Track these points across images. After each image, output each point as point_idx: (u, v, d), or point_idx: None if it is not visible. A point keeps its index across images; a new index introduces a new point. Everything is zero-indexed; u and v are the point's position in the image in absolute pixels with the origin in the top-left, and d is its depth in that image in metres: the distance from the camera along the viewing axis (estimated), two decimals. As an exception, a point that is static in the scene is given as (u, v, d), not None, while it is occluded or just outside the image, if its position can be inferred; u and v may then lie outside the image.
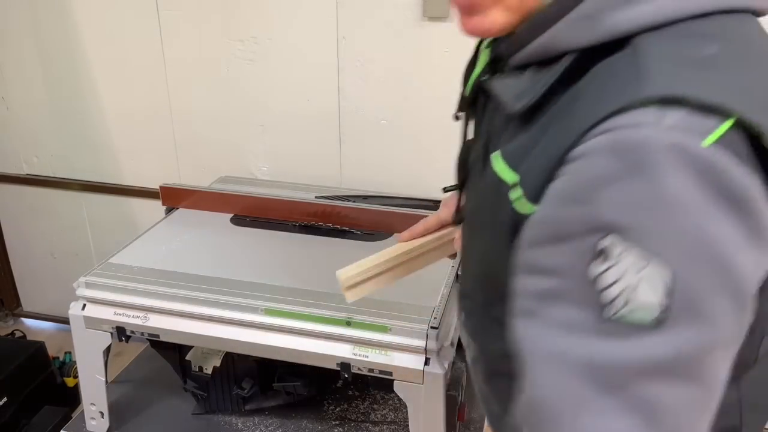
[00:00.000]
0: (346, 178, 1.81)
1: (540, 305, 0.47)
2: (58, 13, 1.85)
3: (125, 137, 1.97)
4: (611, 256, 0.43)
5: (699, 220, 0.41)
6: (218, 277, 1.14)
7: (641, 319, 0.42)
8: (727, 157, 0.41)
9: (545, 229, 0.47)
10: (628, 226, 0.42)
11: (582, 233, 0.44)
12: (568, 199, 0.45)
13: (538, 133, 0.51)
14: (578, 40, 0.49)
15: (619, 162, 0.42)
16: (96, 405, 1.19)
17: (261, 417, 1.24)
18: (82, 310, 1.13)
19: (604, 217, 0.43)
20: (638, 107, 0.42)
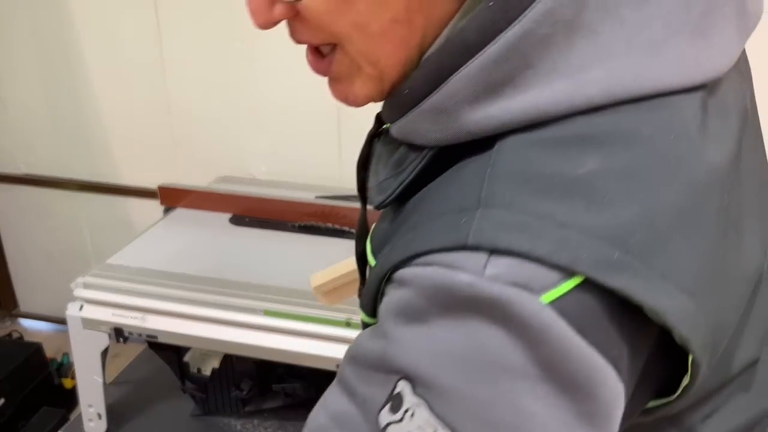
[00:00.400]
0: (346, 178, 1.81)
1: (332, 426, 0.39)
2: (56, 12, 1.84)
3: (123, 137, 1.96)
4: (401, 407, 0.35)
5: (515, 393, 0.33)
6: (217, 277, 1.13)
7: None
8: (568, 325, 0.32)
9: (355, 350, 0.40)
10: (424, 379, 0.34)
11: (380, 369, 0.36)
12: (374, 327, 0.38)
13: (395, 226, 0.43)
14: (431, 136, 0.39)
15: (429, 304, 0.34)
16: (94, 406, 1.18)
17: (260, 419, 1.23)
18: (80, 311, 1.12)
19: (403, 360, 0.35)
20: (466, 250, 0.33)
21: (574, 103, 0.35)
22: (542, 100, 0.35)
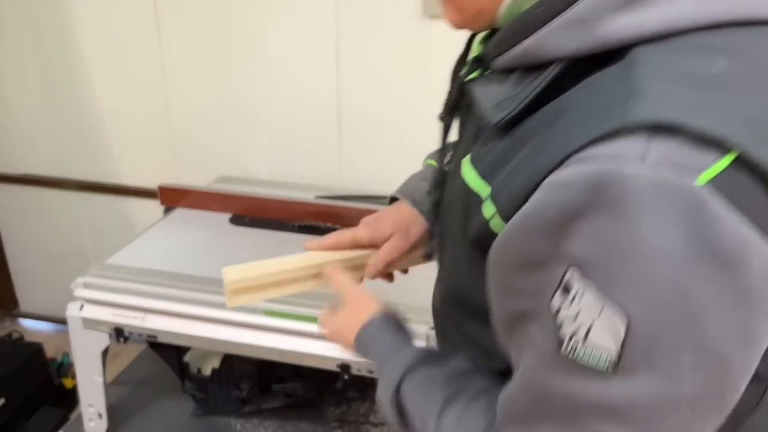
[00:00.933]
0: (346, 178, 1.81)
1: (512, 320, 0.47)
2: (56, 12, 1.84)
3: (123, 137, 1.96)
4: (571, 291, 0.40)
5: (673, 273, 0.37)
6: (217, 277, 1.13)
7: (593, 363, 0.41)
8: (722, 201, 0.36)
9: (516, 254, 0.44)
10: (592, 264, 0.39)
11: (549, 263, 0.41)
12: (538, 228, 0.42)
13: (515, 144, 0.47)
14: (566, 48, 0.44)
15: (594, 197, 0.38)
16: (94, 406, 1.18)
17: (260, 418, 1.23)
18: (80, 310, 1.12)
19: (572, 251, 0.40)
20: (623, 136, 0.37)
21: (703, 18, 0.41)
22: (673, 13, 0.41)
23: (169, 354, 1.19)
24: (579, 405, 0.43)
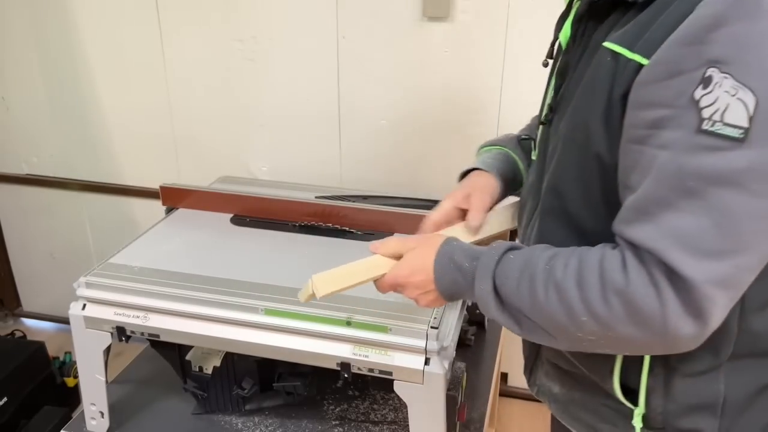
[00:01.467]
0: (346, 178, 1.81)
1: (649, 132, 0.61)
2: (58, 13, 1.85)
3: (125, 137, 1.97)
4: (711, 84, 0.56)
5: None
6: (218, 277, 1.14)
7: (729, 133, 0.56)
8: None
9: (662, 68, 0.60)
10: (731, 60, 0.55)
11: (693, 67, 0.57)
12: (685, 41, 0.58)
13: (653, 15, 0.63)
14: None
15: (735, 5, 0.55)
16: (96, 405, 1.19)
17: (261, 417, 1.24)
18: (82, 310, 1.12)
19: (713, 53, 0.56)
20: None
21: None
22: None
23: (170, 353, 1.20)
24: (707, 176, 0.57)
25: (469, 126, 1.68)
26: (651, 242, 0.60)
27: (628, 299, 0.62)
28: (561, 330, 0.68)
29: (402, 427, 1.20)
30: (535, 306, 0.68)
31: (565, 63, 0.77)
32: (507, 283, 0.70)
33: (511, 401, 2.00)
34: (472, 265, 0.74)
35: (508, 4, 1.53)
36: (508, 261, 0.72)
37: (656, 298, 0.60)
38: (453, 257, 0.77)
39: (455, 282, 0.76)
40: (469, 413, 1.24)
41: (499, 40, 1.57)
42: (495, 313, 0.72)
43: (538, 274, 0.68)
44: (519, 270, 0.70)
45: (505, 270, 0.71)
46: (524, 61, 1.59)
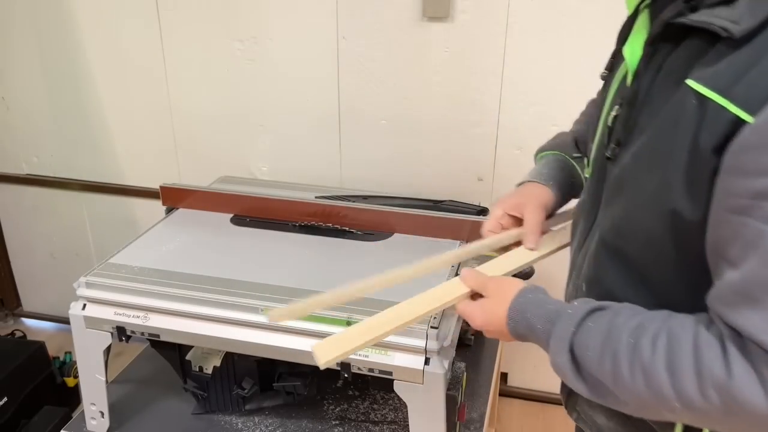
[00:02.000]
0: (346, 178, 1.81)
1: (753, 202, 0.54)
2: (58, 13, 1.85)
3: (125, 137, 1.97)
4: None
5: None
6: (218, 277, 1.14)
7: None
8: None
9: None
10: None
11: None
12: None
13: (754, 56, 0.55)
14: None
15: None
16: (96, 405, 1.19)
17: (261, 417, 1.24)
18: (83, 310, 1.13)
19: None
20: None
21: None
22: None
23: (170, 353, 1.20)
24: None
25: (469, 126, 1.68)
26: (759, 334, 0.54)
27: (731, 395, 0.56)
28: (648, 408, 0.64)
29: (402, 427, 1.20)
30: (619, 385, 0.63)
31: (635, 91, 0.68)
32: (588, 356, 0.65)
33: (511, 401, 2.00)
34: (546, 329, 0.70)
35: (508, 4, 1.53)
36: (587, 331, 0.66)
37: (764, 397, 0.54)
38: (526, 315, 0.73)
39: (529, 336, 0.74)
40: (469, 413, 1.24)
41: (499, 40, 1.57)
42: (573, 383, 0.68)
43: (621, 350, 0.62)
44: (600, 343, 0.64)
45: (585, 341, 0.66)
46: (524, 61, 1.59)
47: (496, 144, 1.68)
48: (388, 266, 1.17)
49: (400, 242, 1.29)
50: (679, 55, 0.63)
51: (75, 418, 1.25)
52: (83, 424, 1.21)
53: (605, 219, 0.74)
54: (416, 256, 1.21)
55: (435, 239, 1.29)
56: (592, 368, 0.65)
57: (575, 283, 0.81)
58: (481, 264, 0.90)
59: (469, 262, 0.96)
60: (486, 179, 1.72)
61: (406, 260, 1.19)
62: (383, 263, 1.19)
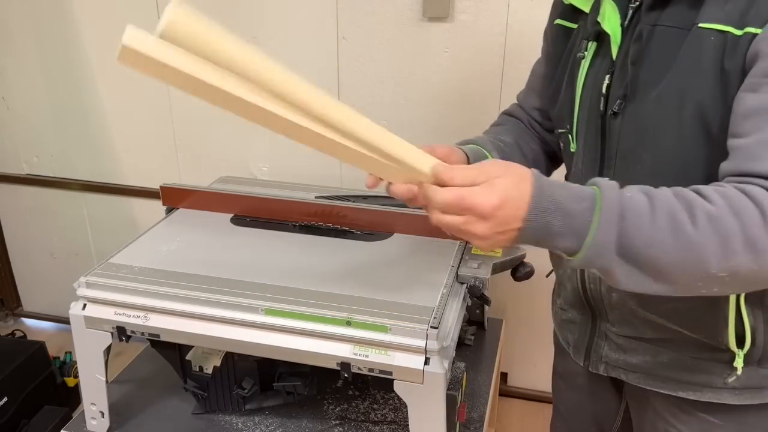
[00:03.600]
0: (346, 178, 1.82)
1: (763, 80, 0.67)
2: (58, 13, 1.85)
3: (125, 137, 1.97)
4: None
5: None
6: (218, 277, 1.14)
7: None
8: None
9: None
10: None
11: None
12: None
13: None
14: None
15: None
16: (96, 405, 1.19)
17: (261, 416, 1.24)
18: (83, 309, 1.13)
19: None
20: None
21: None
22: None
23: (170, 352, 1.20)
24: None
25: (469, 126, 1.68)
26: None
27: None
28: (696, 268, 0.64)
29: (402, 427, 1.20)
30: (679, 242, 0.63)
31: (638, 51, 0.79)
32: (639, 224, 0.64)
33: (511, 401, 2.00)
34: (582, 208, 0.66)
35: (508, 4, 1.54)
36: (627, 199, 0.66)
37: None
38: (554, 197, 0.66)
39: (547, 226, 0.66)
40: (469, 413, 1.24)
41: (499, 40, 1.57)
42: (607, 260, 0.66)
43: (676, 207, 0.64)
44: (648, 207, 0.65)
45: (633, 207, 0.65)
46: (524, 61, 1.59)
47: (496, 144, 1.68)
48: (388, 266, 1.18)
49: (400, 242, 1.29)
50: (673, 12, 0.76)
51: (75, 418, 1.25)
52: (83, 424, 1.21)
53: (625, 165, 0.81)
54: (416, 256, 1.21)
55: (435, 239, 1.29)
56: (642, 236, 0.64)
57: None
58: None
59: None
60: (486, 179, 1.72)
61: (406, 260, 1.20)
62: (383, 263, 1.19)
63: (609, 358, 0.96)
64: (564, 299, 1.04)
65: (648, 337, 0.90)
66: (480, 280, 1.12)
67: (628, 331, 0.92)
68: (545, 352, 1.93)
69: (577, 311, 1.01)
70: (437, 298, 1.06)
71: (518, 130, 1.09)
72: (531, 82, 1.13)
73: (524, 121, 1.11)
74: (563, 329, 1.06)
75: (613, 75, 0.83)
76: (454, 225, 0.67)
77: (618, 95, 0.81)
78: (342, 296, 1.07)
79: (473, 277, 1.13)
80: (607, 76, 0.83)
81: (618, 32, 0.81)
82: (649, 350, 0.91)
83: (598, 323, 0.97)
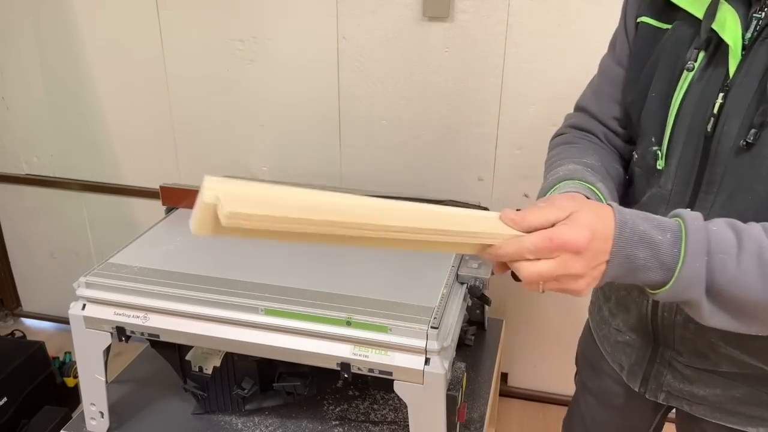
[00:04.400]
0: (346, 178, 1.81)
1: None
2: (58, 13, 1.85)
3: (125, 137, 1.97)
4: None
5: None
6: (218, 277, 1.14)
7: None
8: None
9: None
10: None
11: None
12: None
13: None
14: None
15: None
16: (96, 405, 1.19)
17: (261, 417, 1.24)
18: (82, 310, 1.13)
19: None
20: None
21: None
22: None
23: (170, 353, 1.20)
24: None
25: (469, 126, 1.68)
26: None
27: None
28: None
29: (402, 427, 1.20)
30: (767, 285, 0.61)
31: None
32: (724, 261, 0.61)
33: (511, 401, 2.00)
34: (667, 239, 0.63)
35: (508, 4, 1.53)
36: (714, 234, 0.63)
37: None
38: (637, 228, 0.63)
39: (633, 259, 0.63)
40: (469, 413, 1.24)
41: (499, 40, 1.57)
42: (698, 296, 0.63)
43: (766, 247, 0.61)
44: (736, 244, 0.62)
45: (717, 244, 0.62)
46: (524, 61, 1.59)
47: (496, 144, 1.68)
48: (388, 266, 1.17)
49: (400, 242, 1.29)
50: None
51: (75, 418, 1.25)
52: (83, 424, 1.21)
53: (731, 194, 0.73)
54: (416, 256, 1.21)
55: (435, 239, 1.29)
56: (730, 273, 0.61)
57: None
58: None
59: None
60: (486, 179, 1.72)
61: (406, 260, 1.20)
62: (383, 263, 1.19)
63: (672, 387, 0.90)
64: (624, 322, 0.95)
65: (723, 370, 0.84)
66: (480, 280, 1.12)
67: (700, 363, 0.85)
68: (545, 352, 1.93)
69: (638, 335, 0.93)
70: (437, 298, 1.06)
71: (597, 149, 0.91)
72: (604, 87, 0.92)
73: (600, 135, 0.93)
74: (617, 351, 0.97)
75: (728, 94, 0.72)
76: (550, 270, 0.61)
77: (750, 122, 0.70)
78: (342, 296, 1.07)
79: (473, 277, 1.13)
80: (721, 95, 0.72)
81: (739, 44, 0.71)
82: (721, 384, 0.85)
83: (661, 350, 0.89)
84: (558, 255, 0.60)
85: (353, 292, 1.08)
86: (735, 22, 0.71)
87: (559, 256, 0.60)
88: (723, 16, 0.72)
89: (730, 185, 0.73)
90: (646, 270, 0.63)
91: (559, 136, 0.95)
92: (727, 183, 0.73)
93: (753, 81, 0.70)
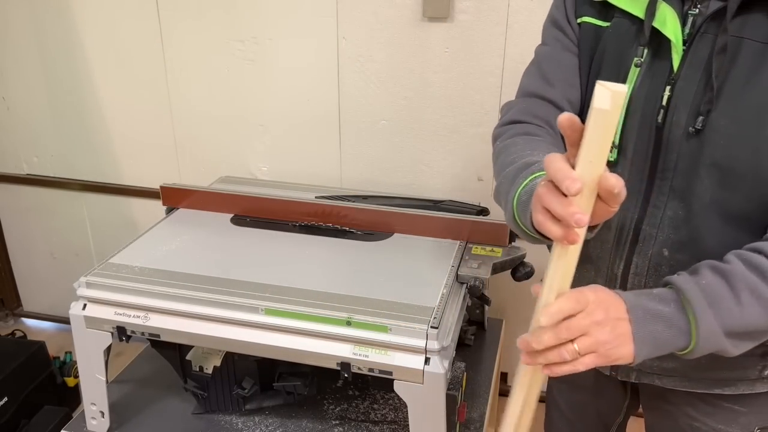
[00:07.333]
0: (346, 178, 1.82)
1: None
2: (58, 13, 1.85)
3: (125, 137, 1.97)
4: None
5: None
6: (218, 277, 1.14)
7: None
8: None
9: None
10: None
11: None
12: None
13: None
14: None
15: None
16: (96, 405, 1.19)
17: (261, 416, 1.24)
18: (83, 309, 1.13)
19: None
20: None
21: None
22: None
23: (170, 352, 1.20)
24: None
25: (469, 126, 1.68)
26: None
27: None
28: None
29: (402, 427, 1.20)
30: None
31: (721, 64, 0.74)
32: (727, 307, 0.70)
33: (511, 401, 2.00)
34: (672, 309, 0.71)
35: (508, 4, 1.54)
36: (707, 287, 0.71)
37: None
38: (644, 306, 0.71)
39: (655, 335, 0.71)
40: (469, 413, 1.24)
41: (499, 40, 1.57)
42: (721, 342, 0.71)
43: (753, 281, 0.70)
44: (728, 290, 0.70)
45: (715, 296, 0.70)
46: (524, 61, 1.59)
47: (496, 144, 1.68)
48: (388, 266, 1.18)
49: (400, 242, 1.29)
50: (755, 25, 0.72)
51: (75, 418, 1.25)
52: (83, 424, 1.21)
53: (687, 180, 0.78)
54: (416, 256, 1.21)
55: (435, 239, 1.29)
56: (734, 314, 0.70)
57: (643, 254, 0.84)
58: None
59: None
60: (486, 179, 1.72)
61: (406, 260, 1.20)
62: (383, 263, 1.19)
63: (643, 365, 0.92)
64: None
65: None
66: (480, 280, 1.12)
67: None
68: (670, 341, 1.92)
69: None
70: (437, 298, 1.06)
71: (558, 142, 0.92)
72: (556, 73, 0.94)
73: (554, 120, 0.93)
74: None
75: (675, 86, 0.78)
76: (587, 340, 0.68)
77: (697, 110, 0.76)
78: (342, 296, 1.07)
79: (473, 277, 1.13)
80: (668, 87, 0.78)
81: (680, 40, 0.76)
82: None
83: None
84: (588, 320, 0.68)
85: (353, 292, 1.08)
86: (674, 20, 0.77)
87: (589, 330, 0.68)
88: (663, 14, 0.77)
89: (684, 170, 0.79)
90: (672, 340, 0.71)
91: (519, 123, 0.96)
92: (681, 168, 0.79)
93: (696, 72, 0.76)
